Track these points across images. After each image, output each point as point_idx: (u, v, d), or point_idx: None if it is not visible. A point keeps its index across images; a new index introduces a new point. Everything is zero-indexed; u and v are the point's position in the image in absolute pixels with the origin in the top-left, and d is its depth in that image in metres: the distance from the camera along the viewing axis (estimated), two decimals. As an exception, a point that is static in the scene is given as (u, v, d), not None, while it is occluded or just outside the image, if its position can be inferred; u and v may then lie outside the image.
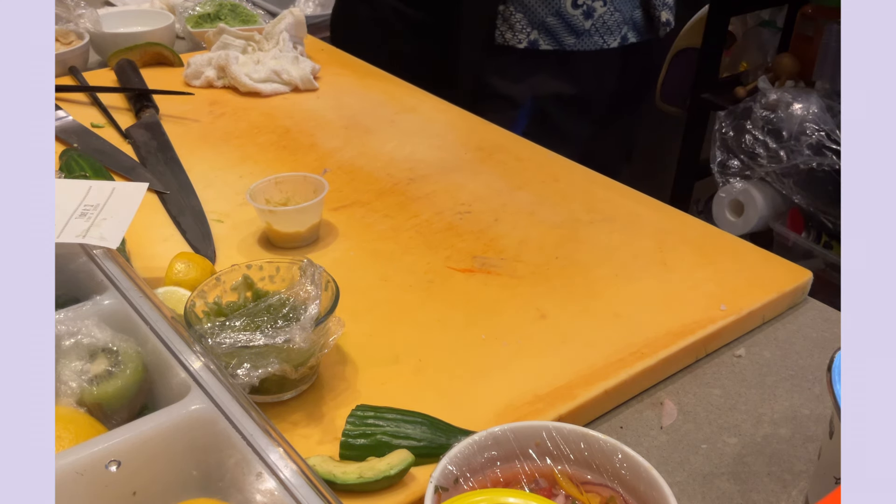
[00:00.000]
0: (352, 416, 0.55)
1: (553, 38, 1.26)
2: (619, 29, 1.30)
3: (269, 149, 1.01)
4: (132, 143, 1.01)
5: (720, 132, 1.52)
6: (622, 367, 0.64)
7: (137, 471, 0.45)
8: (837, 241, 1.51)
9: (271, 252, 0.79)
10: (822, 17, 1.56)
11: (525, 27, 1.25)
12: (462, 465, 0.45)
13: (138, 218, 0.65)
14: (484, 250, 0.80)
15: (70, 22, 1.25)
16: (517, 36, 1.26)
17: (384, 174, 0.94)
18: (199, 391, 0.48)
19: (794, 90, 1.48)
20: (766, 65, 1.73)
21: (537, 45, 1.27)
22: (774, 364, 0.68)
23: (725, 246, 0.81)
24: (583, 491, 0.46)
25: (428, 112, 1.11)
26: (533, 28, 1.25)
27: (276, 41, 1.24)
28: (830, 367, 0.48)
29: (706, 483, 0.56)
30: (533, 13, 1.24)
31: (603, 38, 1.28)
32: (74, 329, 0.52)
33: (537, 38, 1.26)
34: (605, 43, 1.29)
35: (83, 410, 0.49)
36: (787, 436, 0.60)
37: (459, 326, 0.69)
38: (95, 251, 0.60)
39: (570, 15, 1.24)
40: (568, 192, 0.91)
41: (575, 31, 1.26)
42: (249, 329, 0.55)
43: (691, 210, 1.85)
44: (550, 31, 1.25)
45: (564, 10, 1.24)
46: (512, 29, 1.26)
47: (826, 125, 1.39)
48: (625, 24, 1.31)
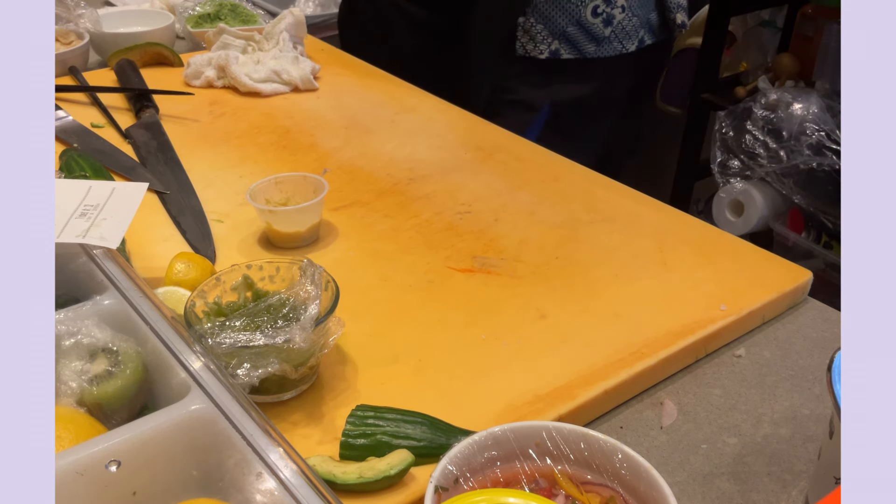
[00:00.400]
0: (352, 416, 0.55)
1: (574, 47, 1.26)
2: (637, 33, 1.30)
3: (269, 149, 1.01)
4: (132, 143, 1.01)
5: (720, 132, 1.52)
6: (622, 367, 0.64)
7: (137, 471, 0.45)
8: (837, 241, 1.51)
9: (271, 252, 0.79)
10: (822, 17, 1.55)
11: (546, 38, 1.26)
12: (462, 465, 0.45)
13: (138, 218, 0.65)
14: (484, 250, 0.80)
15: (70, 22, 1.25)
16: (538, 47, 1.27)
17: (384, 174, 0.94)
18: (199, 391, 0.48)
19: (794, 90, 1.48)
20: (766, 65, 1.73)
21: (558, 54, 1.27)
22: (774, 364, 0.68)
23: (725, 246, 0.81)
24: (583, 491, 0.46)
25: (428, 112, 1.11)
26: (554, 38, 1.25)
27: (276, 41, 1.24)
28: (830, 367, 0.48)
29: (706, 483, 0.56)
30: (554, 23, 1.24)
31: (622, 44, 1.29)
32: (74, 329, 0.52)
33: (558, 48, 1.26)
34: (623, 48, 1.29)
35: (83, 410, 0.49)
36: (787, 436, 0.60)
37: (459, 326, 0.69)
38: (95, 251, 0.60)
39: (590, 23, 1.25)
40: (568, 192, 0.91)
41: (595, 38, 1.26)
42: (249, 329, 0.55)
43: (691, 210, 1.85)
44: (571, 40, 1.26)
45: (585, 19, 1.25)
46: (533, 40, 1.26)
47: (826, 125, 1.39)
48: (642, 27, 1.31)
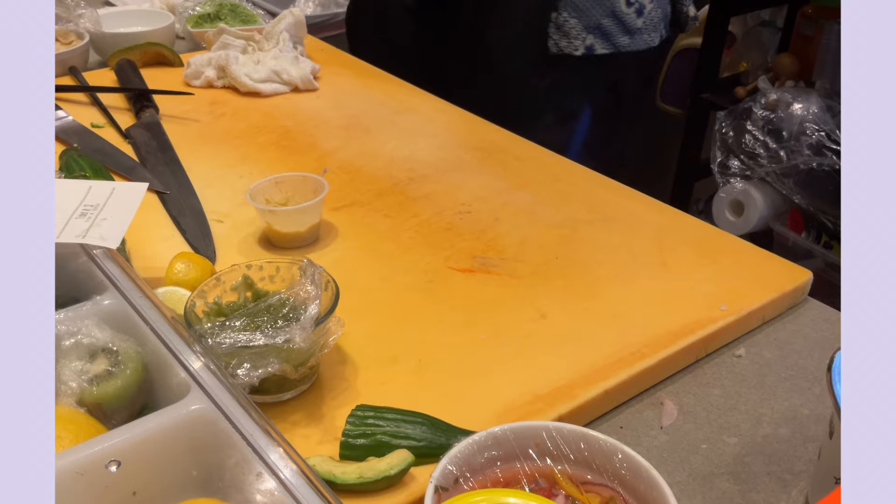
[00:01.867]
0: (352, 416, 0.55)
1: (608, 41, 1.23)
2: (659, 26, 1.27)
3: (269, 149, 1.01)
4: (132, 143, 1.01)
5: (720, 132, 1.52)
6: (622, 367, 0.64)
7: (137, 471, 0.45)
8: (837, 241, 1.51)
9: (271, 252, 0.79)
10: (822, 17, 1.56)
11: (580, 32, 1.21)
12: (462, 465, 0.45)
13: (138, 218, 0.65)
14: (484, 250, 0.80)
15: (70, 22, 1.25)
16: (573, 43, 1.22)
17: (384, 174, 0.94)
18: (199, 391, 0.48)
19: (794, 90, 1.48)
20: (766, 65, 1.73)
21: (593, 49, 1.23)
22: (774, 364, 0.68)
23: (725, 246, 0.81)
24: (583, 491, 0.46)
25: (428, 112, 1.11)
26: (588, 32, 1.21)
27: (276, 41, 1.24)
28: (830, 367, 0.48)
29: (706, 483, 0.56)
30: (588, 16, 1.21)
31: (650, 36, 1.26)
32: (74, 329, 0.52)
33: (593, 43, 1.22)
34: (651, 41, 1.26)
35: (83, 410, 0.49)
36: (787, 436, 0.60)
37: (459, 326, 0.69)
38: (95, 251, 0.60)
39: (624, 14, 1.22)
40: (568, 192, 0.91)
41: (628, 30, 1.23)
42: (249, 329, 0.55)
43: (691, 210, 1.85)
44: (606, 33, 1.22)
45: (619, 10, 1.21)
46: (567, 36, 1.22)
47: (826, 125, 1.39)
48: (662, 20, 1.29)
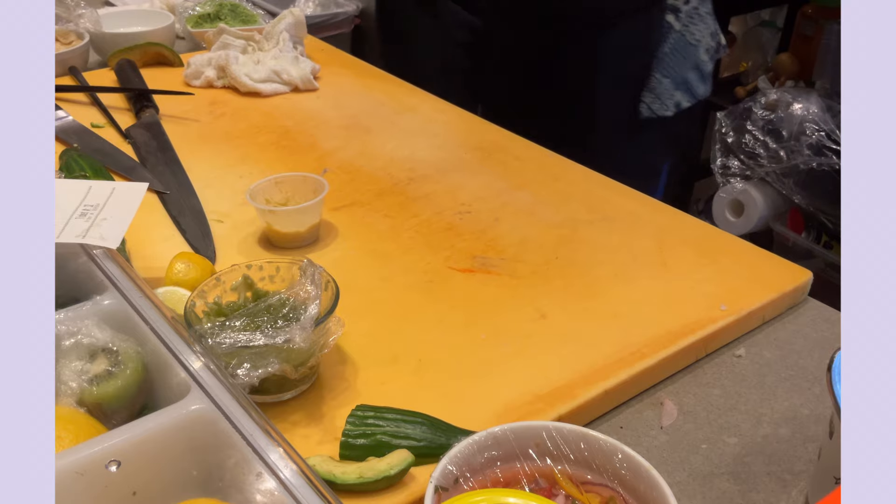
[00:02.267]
0: (352, 416, 0.55)
1: (690, 94, 1.21)
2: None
3: (269, 149, 1.01)
4: (132, 143, 1.01)
5: (720, 132, 1.52)
6: (622, 367, 0.64)
7: (137, 471, 0.45)
8: (837, 241, 1.51)
9: (271, 252, 0.79)
10: (822, 17, 1.56)
11: (671, 91, 1.19)
12: (462, 465, 0.45)
13: (138, 218, 0.65)
14: (484, 250, 0.80)
15: (70, 22, 1.25)
16: (665, 104, 1.19)
17: (384, 174, 0.94)
18: (199, 391, 0.48)
19: (794, 90, 1.48)
20: (766, 65, 1.74)
21: (680, 106, 1.20)
22: (774, 364, 0.68)
23: (725, 246, 0.81)
24: (583, 491, 0.46)
25: (428, 112, 1.11)
26: (677, 89, 1.19)
27: (276, 41, 1.23)
28: (830, 367, 0.48)
29: (706, 483, 0.56)
30: (677, 73, 1.18)
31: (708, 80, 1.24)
32: (74, 329, 0.52)
33: (680, 100, 1.20)
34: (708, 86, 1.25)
35: (83, 410, 0.49)
36: (787, 436, 0.60)
37: (459, 326, 0.69)
38: (95, 251, 0.60)
39: (703, 62, 1.20)
40: (568, 192, 0.91)
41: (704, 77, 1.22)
42: (249, 329, 0.55)
43: (691, 210, 1.85)
44: (690, 86, 1.20)
45: (700, 60, 1.20)
46: (659, 98, 1.19)
47: (826, 125, 1.39)
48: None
